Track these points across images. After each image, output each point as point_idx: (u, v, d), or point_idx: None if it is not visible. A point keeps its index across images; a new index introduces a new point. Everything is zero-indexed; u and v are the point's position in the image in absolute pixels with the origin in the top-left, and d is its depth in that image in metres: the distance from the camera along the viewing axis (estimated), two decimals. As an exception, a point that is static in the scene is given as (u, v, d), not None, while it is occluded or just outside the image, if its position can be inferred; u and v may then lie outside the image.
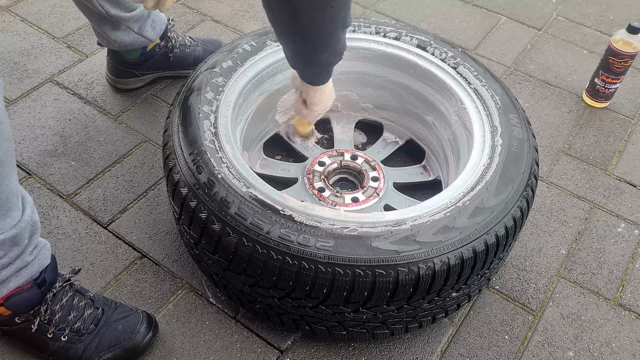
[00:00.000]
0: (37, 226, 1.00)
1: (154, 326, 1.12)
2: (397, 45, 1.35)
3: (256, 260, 0.97)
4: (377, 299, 0.97)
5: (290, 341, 1.17)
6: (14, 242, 0.95)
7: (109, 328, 1.07)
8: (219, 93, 1.19)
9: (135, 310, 1.11)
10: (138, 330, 1.08)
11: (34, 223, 0.99)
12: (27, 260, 0.99)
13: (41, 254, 1.02)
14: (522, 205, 1.06)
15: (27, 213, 0.97)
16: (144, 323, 1.09)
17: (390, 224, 0.99)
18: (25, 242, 0.97)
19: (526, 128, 1.18)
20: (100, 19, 1.43)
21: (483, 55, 1.87)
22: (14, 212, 0.93)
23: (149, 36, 1.52)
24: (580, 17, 2.06)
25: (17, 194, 0.94)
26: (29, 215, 0.97)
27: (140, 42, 1.51)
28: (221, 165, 1.05)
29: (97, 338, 1.06)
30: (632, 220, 1.44)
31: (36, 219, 1.00)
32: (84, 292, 1.10)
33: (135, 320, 1.09)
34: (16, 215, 0.94)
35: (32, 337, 1.06)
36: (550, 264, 1.33)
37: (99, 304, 1.10)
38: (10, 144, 0.89)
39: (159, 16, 1.53)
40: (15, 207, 0.93)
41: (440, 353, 1.17)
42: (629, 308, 1.27)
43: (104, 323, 1.07)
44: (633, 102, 1.76)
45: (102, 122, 1.55)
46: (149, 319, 1.11)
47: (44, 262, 1.03)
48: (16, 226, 0.94)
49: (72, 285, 1.09)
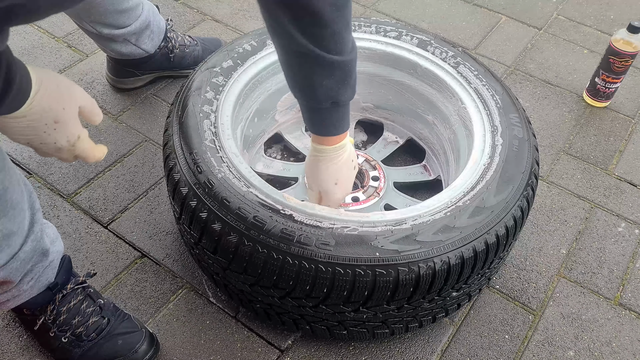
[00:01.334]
0: (40, 252, 0.97)
1: (155, 347, 1.10)
2: (398, 44, 1.35)
3: (256, 259, 0.97)
4: (377, 298, 0.97)
5: (291, 341, 1.17)
6: (2, 285, 0.94)
7: (109, 340, 1.07)
8: (219, 93, 1.19)
9: (140, 328, 1.10)
10: (136, 350, 1.07)
11: (35, 253, 0.95)
12: (23, 289, 0.98)
13: (44, 275, 1.01)
14: (522, 204, 1.06)
15: (25, 248, 0.92)
16: (144, 343, 1.08)
17: (390, 224, 0.99)
18: (19, 278, 0.95)
19: (526, 127, 1.18)
20: (95, 36, 1.46)
21: (483, 55, 1.87)
22: (1, 254, 0.88)
23: (146, 48, 1.53)
24: (581, 16, 2.06)
25: (10, 234, 0.88)
26: (26, 252, 0.92)
27: (137, 53, 1.53)
28: (221, 164, 1.05)
29: (96, 348, 1.06)
30: (632, 219, 1.44)
31: (41, 246, 0.96)
32: (94, 298, 1.10)
33: (136, 339, 1.08)
34: (3, 257, 0.89)
35: (36, 330, 1.07)
36: (550, 263, 1.33)
37: (107, 313, 1.09)
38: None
39: (158, 27, 1.53)
40: (3, 250, 0.88)
41: (440, 352, 1.17)
42: (630, 307, 1.27)
43: (105, 334, 1.07)
44: (633, 101, 1.76)
45: (102, 121, 1.55)
46: (150, 339, 1.10)
47: (44, 284, 1.02)
48: (4, 268, 0.90)
49: (85, 289, 1.09)
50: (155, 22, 1.52)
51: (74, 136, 0.78)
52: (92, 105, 0.81)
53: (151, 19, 1.50)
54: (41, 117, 0.73)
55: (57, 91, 0.75)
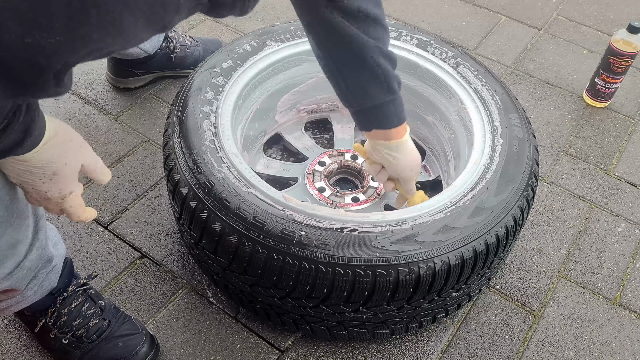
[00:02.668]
0: (45, 260, 0.97)
1: (155, 349, 1.10)
2: (398, 44, 1.35)
3: (256, 260, 0.97)
4: (377, 298, 0.97)
5: (291, 341, 1.17)
6: (6, 292, 0.95)
7: (109, 342, 1.07)
8: (219, 93, 1.19)
9: (141, 330, 1.10)
10: (137, 352, 1.07)
11: (40, 261, 0.95)
12: (27, 294, 0.99)
13: (47, 281, 1.01)
14: (522, 205, 1.06)
15: (30, 257, 0.92)
16: (145, 345, 1.08)
17: (390, 224, 0.99)
18: (25, 286, 0.95)
19: (526, 128, 1.18)
20: None
21: (483, 55, 1.87)
22: (7, 263, 0.88)
23: (145, 48, 1.54)
24: (581, 16, 2.06)
25: (16, 243, 0.88)
26: (31, 260, 0.92)
27: (137, 52, 1.54)
28: (221, 165, 1.05)
29: (96, 349, 1.06)
30: (632, 219, 1.44)
31: (46, 254, 0.96)
32: (95, 299, 1.10)
33: (136, 341, 1.08)
34: (9, 266, 0.89)
35: (37, 332, 1.08)
36: (550, 263, 1.33)
37: (108, 315, 1.09)
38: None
39: None
40: (9, 259, 0.88)
41: (440, 353, 1.17)
42: (630, 308, 1.27)
43: (106, 336, 1.07)
44: (633, 101, 1.76)
45: (102, 121, 1.55)
46: (151, 341, 1.10)
47: (47, 289, 1.03)
48: (10, 277, 0.90)
49: (86, 291, 1.09)
50: None
51: (67, 191, 0.81)
52: (96, 165, 0.84)
53: None
54: (42, 166, 0.75)
55: (65, 146, 0.77)
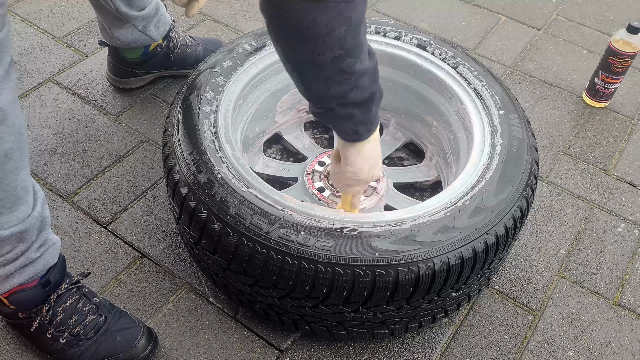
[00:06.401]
0: (46, 222, 1.00)
1: (153, 341, 1.10)
2: (397, 45, 1.35)
3: (256, 260, 0.97)
4: (377, 298, 0.97)
5: (290, 341, 1.17)
6: (20, 238, 0.95)
7: (108, 337, 1.07)
8: (219, 93, 1.19)
9: (138, 324, 1.10)
10: (135, 345, 1.07)
11: (44, 219, 0.99)
12: (32, 257, 0.98)
13: (48, 252, 1.02)
14: (522, 205, 1.06)
15: (37, 209, 0.96)
16: (143, 338, 1.08)
17: (390, 224, 0.99)
18: (33, 239, 0.97)
19: (526, 128, 1.18)
20: (109, 15, 1.45)
21: (483, 55, 1.87)
22: (23, 207, 0.92)
23: (152, 35, 1.53)
24: (580, 17, 2.06)
25: (28, 189, 0.93)
26: (38, 212, 0.96)
27: (142, 40, 1.52)
28: (221, 165, 1.05)
29: (95, 345, 1.06)
30: (632, 220, 1.44)
31: (46, 215, 1.00)
32: (90, 297, 1.10)
33: (134, 334, 1.08)
34: (25, 211, 0.93)
35: (33, 334, 1.07)
36: (550, 263, 1.33)
37: (103, 311, 1.09)
38: (19, 137, 0.87)
39: (164, 17, 1.55)
40: (24, 202, 0.93)
41: (440, 353, 1.17)
42: (629, 308, 1.27)
43: (104, 331, 1.07)
44: (633, 101, 1.76)
45: (102, 121, 1.55)
46: (149, 334, 1.10)
47: (50, 261, 1.03)
48: (25, 221, 0.93)
49: (80, 289, 1.09)
50: (162, 10, 1.54)
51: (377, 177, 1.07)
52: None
53: (160, 5, 1.52)
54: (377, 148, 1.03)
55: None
